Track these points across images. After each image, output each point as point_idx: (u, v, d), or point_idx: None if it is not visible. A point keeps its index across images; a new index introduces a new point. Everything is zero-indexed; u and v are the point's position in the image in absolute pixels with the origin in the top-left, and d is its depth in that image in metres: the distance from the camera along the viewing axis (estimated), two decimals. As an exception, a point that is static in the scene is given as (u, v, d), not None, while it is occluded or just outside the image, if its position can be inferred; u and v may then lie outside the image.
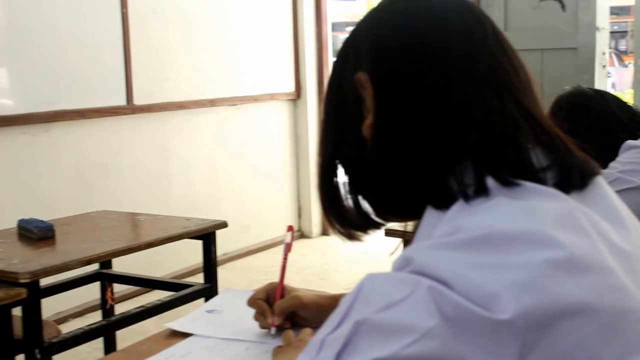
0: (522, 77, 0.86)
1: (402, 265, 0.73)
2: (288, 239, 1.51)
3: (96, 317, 4.01)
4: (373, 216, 0.93)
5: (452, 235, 0.73)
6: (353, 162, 0.91)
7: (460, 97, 0.82)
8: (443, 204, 0.80)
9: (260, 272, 4.94)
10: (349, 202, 0.93)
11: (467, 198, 0.78)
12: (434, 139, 0.82)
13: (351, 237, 0.96)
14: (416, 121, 0.83)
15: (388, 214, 0.92)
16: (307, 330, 1.33)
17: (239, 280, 4.68)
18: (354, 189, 0.92)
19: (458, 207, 0.78)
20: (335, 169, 0.93)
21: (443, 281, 0.68)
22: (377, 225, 0.94)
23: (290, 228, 1.54)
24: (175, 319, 1.54)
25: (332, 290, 1.50)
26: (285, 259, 1.50)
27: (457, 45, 0.84)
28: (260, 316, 1.43)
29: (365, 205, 0.92)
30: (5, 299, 1.74)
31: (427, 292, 0.67)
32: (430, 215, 0.82)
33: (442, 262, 0.70)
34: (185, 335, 1.45)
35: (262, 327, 1.44)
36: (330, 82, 0.93)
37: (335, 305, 1.39)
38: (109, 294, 2.73)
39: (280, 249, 5.17)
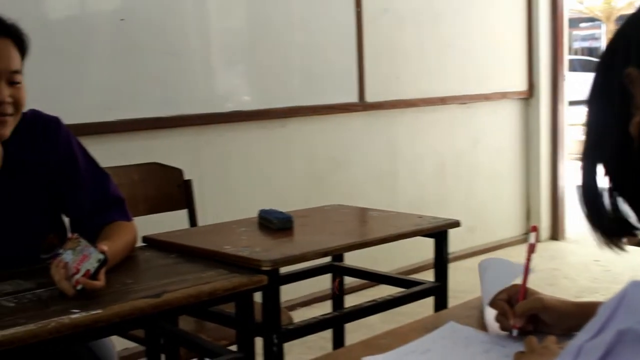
0: None
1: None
2: (532, 240, 1.45)
3: (322, 307, 4.13)
4: (632, 220, 0.87)
5: None
6: (616, 162, 0.85)
7: None
8: None
9: (485, 274, 4.84)
10: (608, 205, 0.87)
11: None
12: None
13: (610, 244, 0.90)
14: None
15: None
16: (552, 338, 1.28)
17: (464, 281, 4.61)
18: (615, 190, 0.87)
19: None
20: (596, 169, 0.89)
21: None
22: (634, 230, 0.88)
23: (534, 228, 1.48)
24: (401, 315, 1.54)
25: (562, 297, 1.43)
26: (528, 260, 1.45)
27: None
28: (501, 317, 1.40)
29: (626, 208, 0.87)
30: (248, 285, 1.82)
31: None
32: None
33: None
34: (422, 332, 1.44)
35: (503, 328, 1.40)
36: (595, 78, 0.88)
37: (579, 313, 1.34)
38: (336, 285, 2.79)
39: (508, 251, 5.04)
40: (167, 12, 3.68)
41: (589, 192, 0.89)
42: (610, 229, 0.88)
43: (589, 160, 0.88)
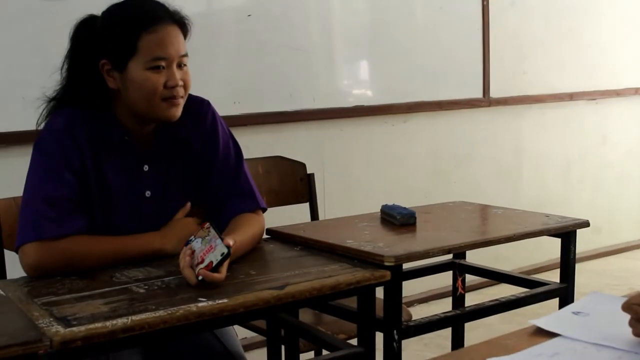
0: None
1: None
2: None
3: (441, 304, 4.09)
4: None
5: None
6: None
7: None
8: None
9: (611, 277, 4.67)
10: None
11: None
12: None
13: None
14: None
15: None
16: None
17: (589, 283, 4.46)
18: None
19: None
20: None
21: None
22: None
23: None
24: (521, 317, 1.50)
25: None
26: None
27: None
28: (636, 322, 1.34)
29: None
30: (371, 280, 1.82)
31: None
32: None
33: None
34: (550, 334, 1.40)
35: (637, 334, 1.34)
36: None
37: None
38: (459, 282, 2.75)
39: (636, 253, 4.84)
40: (291, 7, 3.72)
41: None
42: None
43: None
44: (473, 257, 2.79)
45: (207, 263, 1.68)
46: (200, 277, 1.67)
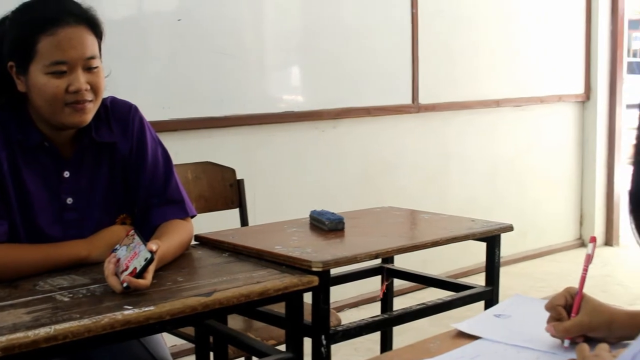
0: None
1: None
2: (590, 250, 1.43)
3: (370, 309, 4.12)
4: None
5: None
6: None
7: None
8: None
9: (536, 279, 4.78)
10: None
11: None
12: None
13: None
14: None
15: None
16: (604, 346, 1.26)
17: (514, 285, 4.57)
18: None
19: None
20: None
21: None
22: None
23: (593, 239, 1.46)
24: (450, 319, 1.53)
25: (613, 304, 1.41)
26: (585, 270, 1.43)
27: None
28: (555, 323, 1.38)
29: None
30: (299, 285, 1.83)
31: None
32: None
33: None
34: (472, 337, 1.43)
35: (554, 335, 1.38)
36: None
37: (630, 323, 1.31)
38: (383, 287, 2.78)
39: (560, 256, 4.96)
40: (222, 13, 3.71)
41: (638, 199, 0.87)
42: None
43: (639, 165, 0.87)
44: (402, 262, 2.83)
45: (132, 269, 1.66)
46: (125, 284, 1.65)
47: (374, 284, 3.02)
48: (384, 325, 2.56)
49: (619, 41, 5.59)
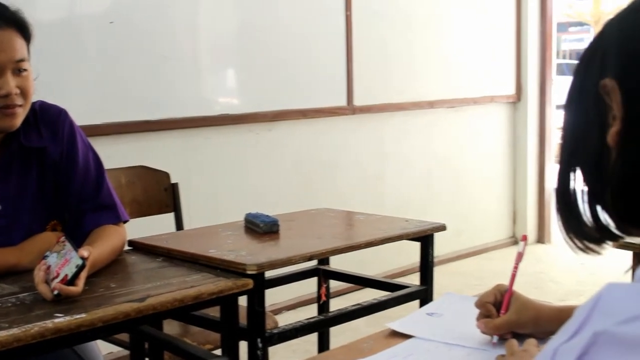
0: None
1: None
2: (521, 249, 1.47)
3: (308, 310, 4.14)
4: (612, 228, 0.87)
5: None
6: (593, 171, 0.86)
7: None
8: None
9: (471, 277, 4.86)
10: (586, 212, 0.88)
11: None
12: None
13: (584, 248, 0.91)
14: None
15: (630, 226, 0.86)
16: (532, 341, 1.30)
17: (450, 284, 4.64)
18: (593, 198, 0.87)
19: None
20: (574, 177, 0.89)
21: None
22: (614, 238, 0.89)
23: (524, 237, 1.50)
24: (386, 319, 1.55)
25: (545, 300, 1.45)
26: (515, 268, 1.46)
27: None
28: (485, 320, 1.41)
29: (604, 216, 0.87)
30: (233, 289, 1.83)
31: (677, 307, 0.63)
32: None
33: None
34: (405, 336, 1.45)
35: (484, 331, 1.41)
36: (571, 87, 0.89)
37: (558, 317, 1.35)
38: (323, 289, 2.80)
39: (494, 254, 5.04)
40: (156, 15, 3.68)
41: (564, 198, 0.90)
42: (589, 235, 0.89)
43: (566, 165, 0.89)
44: (340, 263, 2.85)
45: (62, 277, 1.64)
46: (55, 292, 1.62)
47: (311, 286, 3.03)
48: (320, 327, 2.57)
49: (548, 43, 5.73)
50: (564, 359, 0.66)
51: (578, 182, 0.89)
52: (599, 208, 0.87)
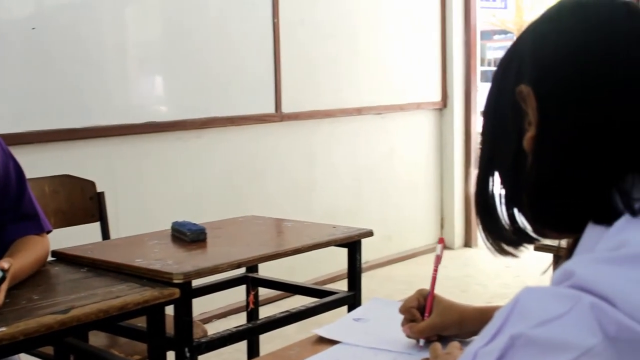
0: None
1: (562, 278, 0.71)
2: (439, 251, 1.50)
3: (239, 319, 4.12)
4: (529, 231, 0.90)
5: (617, 250, 0.71)
6: (510, 175, 0.89)
7: (631, 109, 0.79)
8: (606, 219, 0.77)
9: (401, 282, 4.92)
10: (504, 215, 0.91)
11: (635, 213, 0.75)
12: (599, 152, 0.80)
13: (503, 251, 0.94)
14: (582, 135, 0.81)
15: (546, 229, 0.89)
16: (455, 344, 1.32)
17: (380, 289, 4.68)
18: (510, 202, 0.90)
19: (624, 221, 0.75)
20: (492, 181, 0.92)
21: (606, 298, 0.66)
22: (531, 241, 0.92)
23: (441, 240, 1.53)
24: (317, 325, 1.56)
25: (473, 303, 1.48)
26: (435, 271, 1.49)
27: (628, 55, 0.80)
28: (410, 324, 1.43)
29: (521, 219, 0.90)
30: (160, 298, 1.81)
31: (589, 309, 0.65)
32: (592, 230, 0.80)
33: (605, 277, 0.68)
34: (332, 342, 1.46)
35: (409, 335, 1.43)
36: (490, 93, 0.92)
37: (480, 318, 1.38)
38: (251, 297, 2.80)
39: (423, 259, 5.10)
40: (80, 20, 3.62)
41: (483, 201, 0.92)
42: (506, 238, 0.92)
43: (484, 170, 0.92)
44: (270, 271, 2.85)
45: (-17, 289, 1.60)
46: (-24, 305, 1.59)
47: (241, 294, 3.02)
48: (249, 335, 2.57)
49: (472, 51, 5.85)
50: (483, 362, 0.68)
51: (496, 186, 0.92)
52: (516, 211, 0.90)
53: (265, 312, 2.83)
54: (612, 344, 0.64)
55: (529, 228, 0.90)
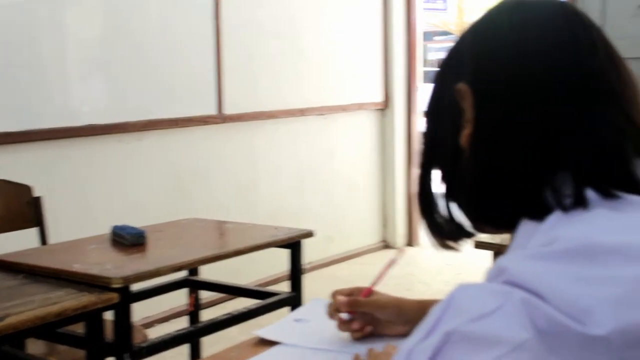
0: (629, 87, 0.84)
1: (495, 274, 0.72)
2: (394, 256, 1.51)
3: (181, 322, 4.08)
4: (467, 226, 0.92)
5: (548, 246, 0.72)
6: (449, 171, 0.91)
7: (563, 108, 0.81)
8: (539, 215, 0.79)
9: (344, 282, 4.92)
10: (443, 210, 0.92)
11: (565, 209, 0.77)
12: (532, 149, 0.81)
13: (444, 246, 0.95)
14: (515, 132, 0.82)
15: (482, 224, 0.91)
16: (392, 345, 1.33)
17: (323, 289, 4.65)
18: (449, 197, 0.92)
19: (555, 218, 0.77)
20: (432, 177, 0.94)
21: (537, 293, 0.67)
22: (469, 235, 0.93)
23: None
24: (260, 327, 1.56)
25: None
26: (386, 269, 1.50)
27: (562, 55, 0.82)
28: (335, 313, 1.43)
29: (459, 214, 0.92)
30: (98, 303, 1.79)
31: (520, 304, 0.67)
32: (526, 225, 0.81)
33: (537, 273, 0.69)
34: (273, 343, 1.46)
35: (341, 329, 1.43)
36: (432, 92, 0.94)
37: (418, 309, 1.40)
38: (191, 300, 2.78)
39: (365, 259, 5.10)
40: (16, 21, 3.55)
41: (425, 198, 0.94)
42: (446, 233, 0.93)
43: (425, 167, 0.93)
44: (214, 273, 2.82)
45: None
46: None
47: (183, 297, 2.99)
48: (190, 338, 2.55)
49: (413, 52, 5.90)
50: (418, 359, 0.69)
51: (436, 183, 0.93)
52: (454, 207, 0.91)
53: (208, 314, 2.82)
54: (543, 338, 0.65)
55: (466, 223, 0.92)
